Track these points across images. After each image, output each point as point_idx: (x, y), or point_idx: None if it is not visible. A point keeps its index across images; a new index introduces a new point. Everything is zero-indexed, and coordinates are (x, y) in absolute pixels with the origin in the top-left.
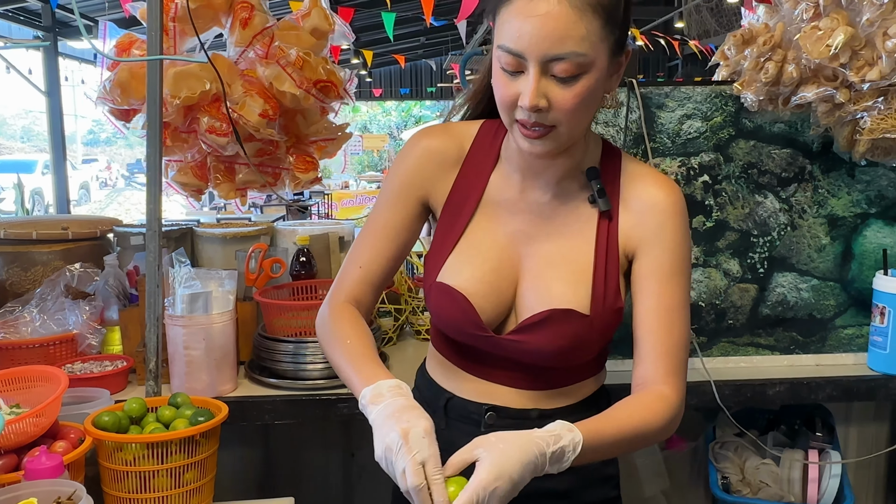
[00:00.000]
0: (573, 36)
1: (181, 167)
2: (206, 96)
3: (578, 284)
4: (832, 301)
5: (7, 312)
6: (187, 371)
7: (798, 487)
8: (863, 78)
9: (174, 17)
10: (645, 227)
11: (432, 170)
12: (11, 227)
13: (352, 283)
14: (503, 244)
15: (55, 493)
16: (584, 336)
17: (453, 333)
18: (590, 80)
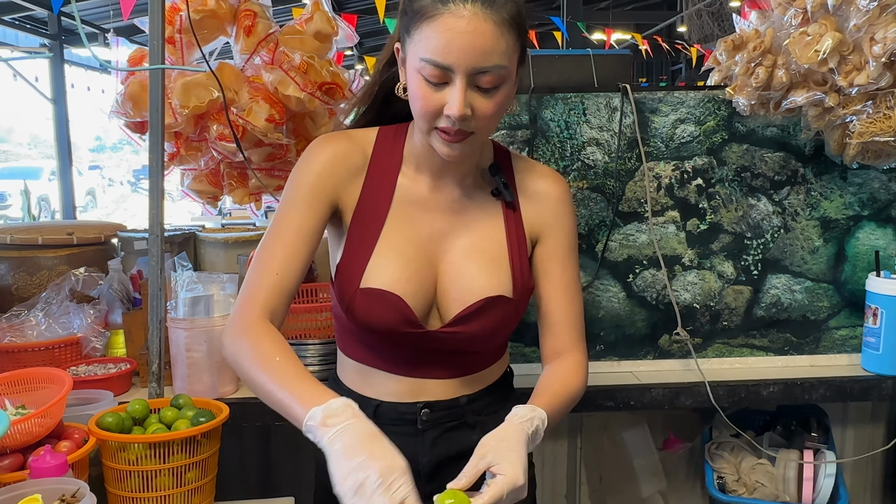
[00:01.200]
0: (497, 50)
1: (196, 175)
2: (214, 105)
3: (499, 272)
4: (826, 302)
5: (13, 316)
6: (189, 373)
7: (793, 487)
8: (851, 82)
9: (180, 29)
10: (544, 216)
11: (341, 175)
12: (18, 232)
13: (267, 292)
14: (420, 243)
15: (59, 490)
16: (509, 317)
17: (385, 335)
18: (506, 89)
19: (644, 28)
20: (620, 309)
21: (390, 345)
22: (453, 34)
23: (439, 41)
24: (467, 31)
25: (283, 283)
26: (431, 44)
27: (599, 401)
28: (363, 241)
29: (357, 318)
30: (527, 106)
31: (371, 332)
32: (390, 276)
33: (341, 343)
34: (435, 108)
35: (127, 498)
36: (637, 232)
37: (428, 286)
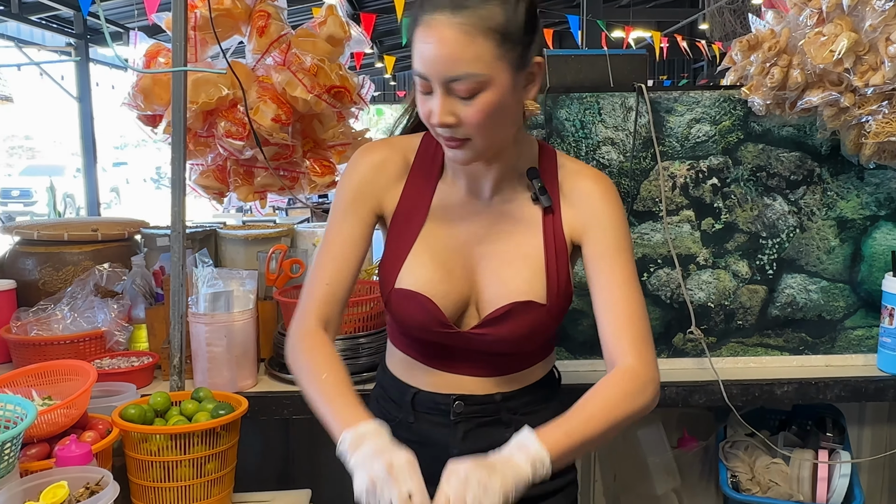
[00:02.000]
0: (465, 58)
1: (203, 171)
2: (223, 101)
3: (534, 277)
4: (842, 302)
5: (40, 310)
6: (209, 367)
7: (807, 487)
8: (867, 82)
9: (195, 27)
10: (585, 216)
11: (381, 182)
12: (44, 228)
13: (320, 302)
14: (456, 246)
15: (84, 479)
16: (542, 323)
17: (419, 333)
18: (490, 95)
19: (665, 26)
20: None
21: (425, 341)
22: (425, 44)
23: (417, 52)
24: (435, 40)
25: (334, 292)
26: (415, 55)
27: None
28: (400, 244)
29: (393, 315)
30: (542, 105)
31: (408, 328)
32: (423, 278)
33: (389, 333)
34: (427, 116)
35: (149, 487)
36: (652, 231)
37: (462, 289)
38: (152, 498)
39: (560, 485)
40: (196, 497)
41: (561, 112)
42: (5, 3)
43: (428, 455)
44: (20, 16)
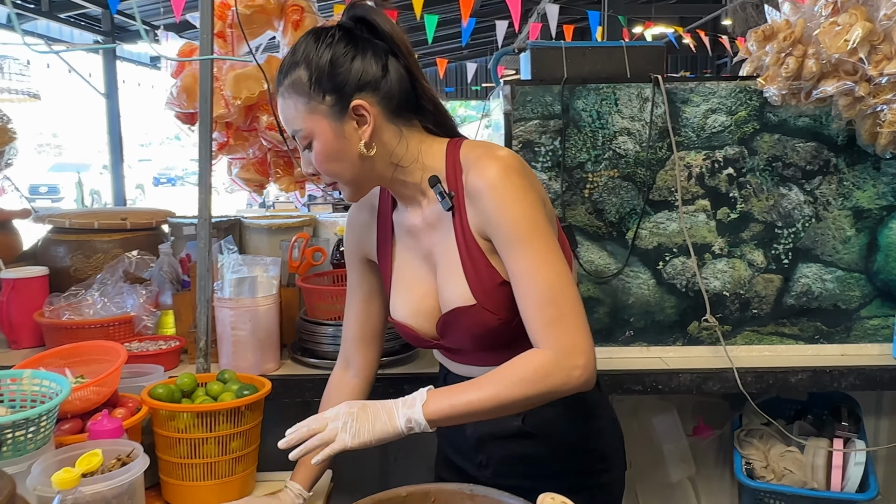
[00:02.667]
0: (289, 117)
1: (243, 164)
2: (264, 95)
3: (456, 282)
4: (857, 292)
5: (71, 295)
6: (234, 350)
7: (822, 475)
8: (881, 71)
9: (231, 24)
10: (481, 213)
11: (361, 236)
12: (75, 217)
13: (344, 345)
14: (417, 267)
15: (115, 451)
16: (484, 320)
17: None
18: (318, 144)
19: (688, 22)
20: (650, 296)
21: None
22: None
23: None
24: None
25: (355, 334)
26: None
27: (627, 384)
28: (387, 280)
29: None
30: (559, 96)
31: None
32: (404, 310)
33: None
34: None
35: (176, 464)
36: (667, 220)
37: (430, 305)
38: (179, 474)
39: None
40: (221, 474)
41: (578, 103)
42: (36, 2)
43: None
44: (50, 13)
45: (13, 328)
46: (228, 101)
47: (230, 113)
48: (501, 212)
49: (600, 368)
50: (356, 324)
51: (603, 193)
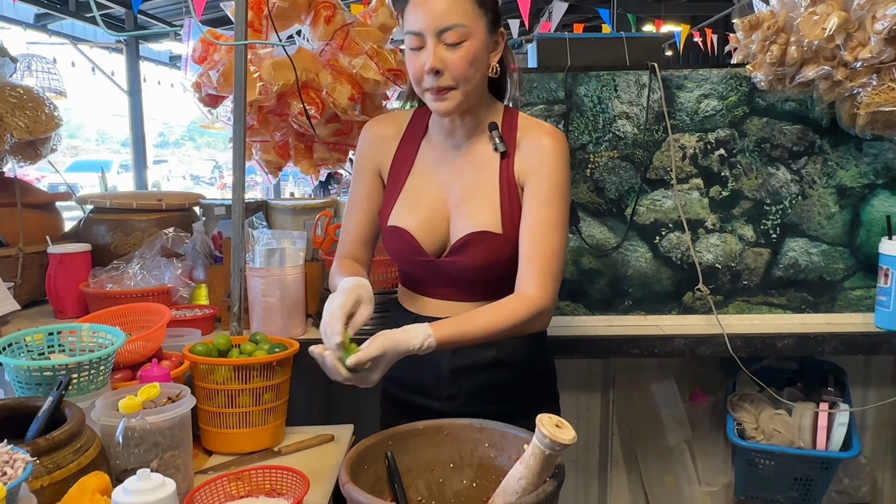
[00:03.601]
0: (455, 11)
1: (265, 147)
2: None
3: (490, 210)
4: (841, 265)
5: (113, 269)
6: (264, 316)
7: (808, 435)
8: (856, 57)
9: (267, 15)
10: (530, 163)
11: (378, 148)
12: (115, 198)
13: (345, 245)
14: (433, 192)
15: (166, 392)
16: (499, 249)
17: (403, 263)
18: (472, 45)
19: (700, 20)
20: (647, 268)
21: (413, 271)
22: (420, 5)
23: (411, 15)
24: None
25: (355, 237)
26: (408, 19)
27: (626, 348)
28: (392, 191)
29: (387, 249)
30: (563, 83)
31: (397, 259)
32: (405, 218)
33: (398, 273)
34: (419, 70)
35: (214, 413)
36: (663, 198)
37: (437, 225)
38: (217, 422)
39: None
40: (255, 422)
41: (580, 89)
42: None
43: (425, 371)
44: (76, 13)
45: (60, 299)
46: (266, 87)
47: (267, 97)
48: (550, 168)
49: (601, 334)
50: (363, 226)
51: (603, 173)
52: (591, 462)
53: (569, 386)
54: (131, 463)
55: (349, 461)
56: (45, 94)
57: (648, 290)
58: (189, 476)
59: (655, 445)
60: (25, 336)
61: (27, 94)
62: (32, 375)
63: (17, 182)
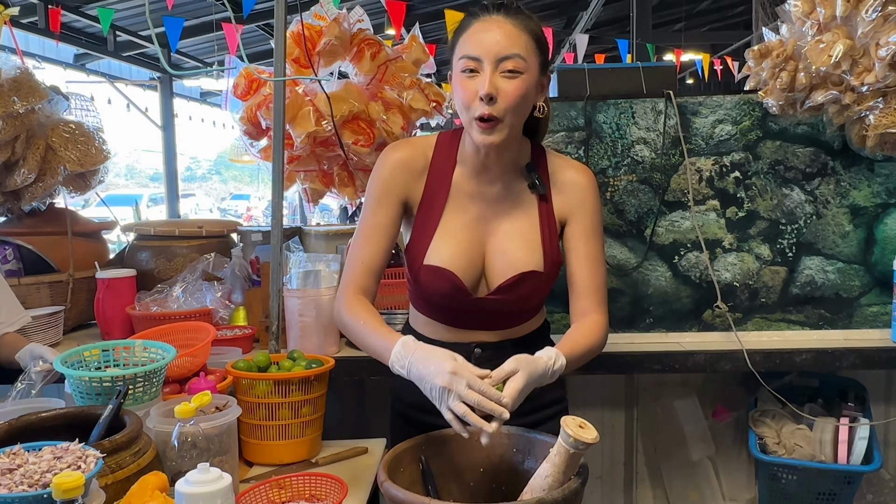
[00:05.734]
0: (516, 44)
1: (309, 175)
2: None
3: (533, 250)
4: (857, 282)
5: (157, 293)
6: (301, 335)
7: (829, 449)
8: (862, 82)
9: (319, 53)
10: (571, 202)
11: (405, 177)
12: (159, 226)
13: (357, 275)
14: (470, 227)
15: (213, 403)
16: (541, 287)
17: (443, 301)
18: (527, 79)
19: (720, 48)
20: (667, 286)
21: (447, 307)
22: (482, 34)
23: (471, 41)
24: (492, 29)
25: (368, 268)
26: (466, 45)
27: (648, 364)
28: (426, 226)
29: (422, 288)
30: (582, 111)
31: (433, 298)
32: (446, 256)
33: (413, 300)
34: (471, 96)
35: (255, 425)
36: (681, 219)
37: (476, 262)
38: (258, 434)
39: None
40: (293, 434)
41: (599, 116)
42: (101, 43)
43: None
44: (115, 53)
45: (107, 321)
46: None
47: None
48: (590, 206)
49: (624, 350)
50: (380, 256)
51: (623, 196)
52: (617, 479)
53: (593, 403)
54: (184, 466)
55: (386, 463)
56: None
57: (669, 308)
58: (235, 482)
59: (679, 461)
60: (84, 352)
61: (78, 129)
62: (92, 386)
63: (67, 212)
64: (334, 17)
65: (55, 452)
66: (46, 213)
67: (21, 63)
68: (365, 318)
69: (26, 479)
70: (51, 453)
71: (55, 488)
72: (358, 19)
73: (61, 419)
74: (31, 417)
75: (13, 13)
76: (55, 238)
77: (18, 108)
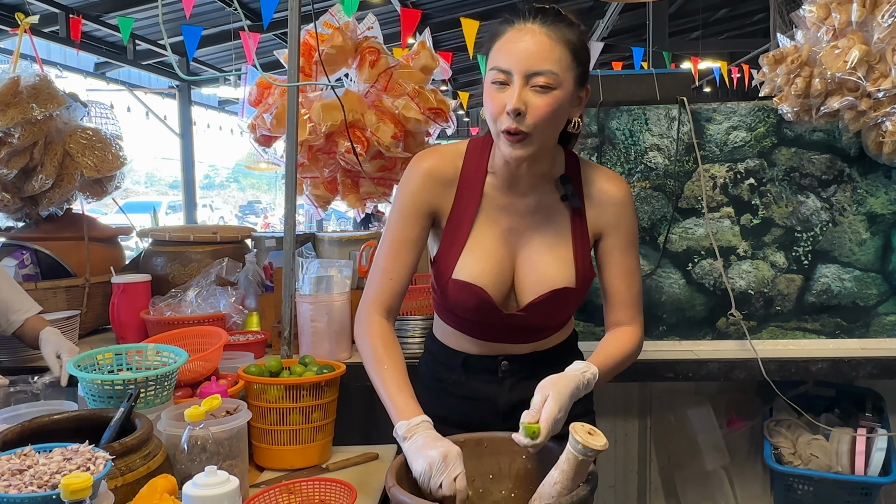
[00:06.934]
0: (549, 58)
1: (314, 182)
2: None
3: (565, 266)
4: (874, 290)
5: (171, 297)
6: (313, 340)
7: (846, 460)
8: (878, 87)
9: (318, 61)
10: (606, 216)
11: (435, 188)
12: (174, 231)
13: (385, 294)
14: (501, 241)
15: (224, 407)
16: (572, 302)
17: (471, 316)
18: (559, 95)
19: (738, 56)
20: (681, 294)
21: (475, 321)
22: (513, 44)
23: (503, 51)
24: (524, 40)
25: (395, 285)
26: (498, 55)
27: (661, 372)
28: (455, 239)
29: (449, 302)
30: (595, 117)
31: (462, 312)
32: (476, 270)
33: (438, 310)
34: (499, 108)
35: (266, 430)
36: (695, 226)
37: (506, 277)
38: (269, 439)
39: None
40: (304, 440)
41: (612, 123)
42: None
43: (479, 408)
44: (135, 62)
45: (122, 325)
46: (315, 127)
47: (317, 136)
48: (627, 221)
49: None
50: (407, 273)
51: (636, 202)
52: (630, 488)
53: (606, 412)
54: (194, 469)
55: (395, 468)
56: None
57: (682, 315)
58: (244, 486)
59: (693, 471)
60: (97, 355)
61: (96, 136)
62: (105, 389)
63: (84, 217)
64: (343, 25)
65: (65, 454)
66: (63, 218)
67: (40, 70)
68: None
69: (36, 480)
70: (61, 455)
71: (63, 489)
72: (368, 27)
73: (73, 421)
74: (44, 419)
75: (33, 21)
76: (72, 243)
77: (37, 114)
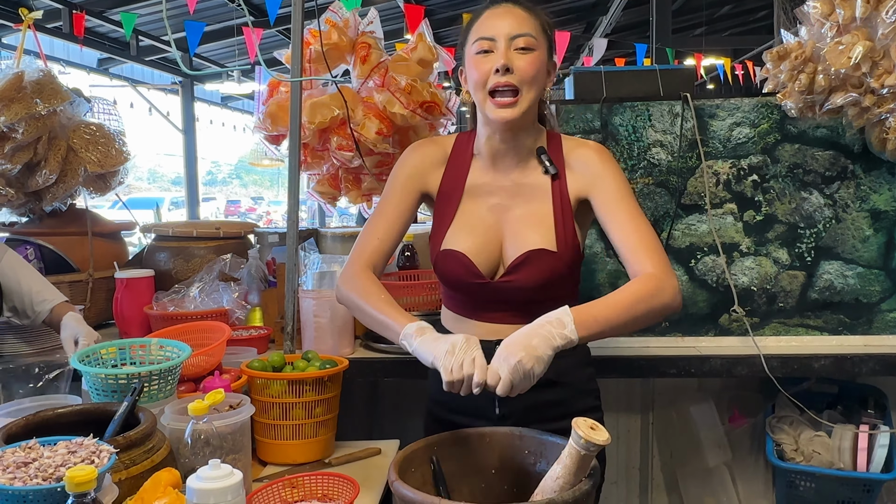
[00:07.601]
0: (527, 24)
1: (319, 179)
2: (335, 121)
3: (544, 229)
4: (877, 287)
5: (174, 293)
6: (316, 336)
7: (848, 456)
8: (882, 84)
9: (310, 60)
10: (588, 177)
11: (426, 168)
12: (177, 227)
13: (370, 251)
14: (485, 215)
15: (227, 401)
16: (556, 268)
17: (457, 286)
18: (538, 55)
19: (741, 53)
20: (684, 290)
21: (466, 294)
22: (494, 18)
23: (485, 24)
24: (504, 12)
25: (383, 246)
26: (481, 27)
27: (663, 368)
28: (444, 216)
29: (439, 273)
30: (598, 113)
31: (450, 283)
32: (461, 241)
33: (442, 296)
34: (485, 73)
35: (269, 425)
36: (698, 222)
37: (491, 248)
38: (272, 434)
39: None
40: (307, 434)
41: (615, 119)
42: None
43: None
44: (138, 57)
45: (125, 320)
46: (304, 126)
47: (305, 135)
48: (611, 174)
49: (639, 354)
50: (393, 234)
51: (639, 199)
52: (632, 484)
53: (608, 407)
54: (197, 463)
55: (397, 463)
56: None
57: (685, 311)
58: (247, 480)
59: (695, 468)
60: (101, 349)
61: (99, 131)
62: (108, 383)
63: (87, 213)
64: (342, 21)
65: (70, 447)
66: (67, 213)
67: (44, 66)
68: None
69: (41, 473)
70: (65, 448)
71: (68, 482)
72: (369, 22)
73: (77, 415)
74: (48, 413)
75: (36, 17)
76: (75, 238)
77: (41, 109)
